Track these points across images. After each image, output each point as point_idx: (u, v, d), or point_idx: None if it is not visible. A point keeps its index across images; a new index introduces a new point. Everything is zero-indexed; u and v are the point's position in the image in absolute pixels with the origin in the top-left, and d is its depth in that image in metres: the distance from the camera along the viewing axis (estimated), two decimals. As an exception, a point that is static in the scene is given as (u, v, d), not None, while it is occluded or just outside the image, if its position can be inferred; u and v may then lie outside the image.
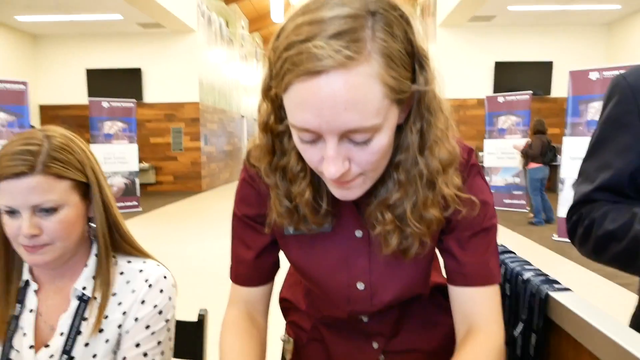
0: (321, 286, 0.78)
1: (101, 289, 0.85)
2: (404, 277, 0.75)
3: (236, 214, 0.80)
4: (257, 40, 17.30)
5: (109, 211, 0.88)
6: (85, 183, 0.84)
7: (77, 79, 10.86)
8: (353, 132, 0.55)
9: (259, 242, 0.79)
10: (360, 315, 0.80)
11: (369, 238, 0.73)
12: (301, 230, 0.73)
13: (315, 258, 0.76)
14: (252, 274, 0.80)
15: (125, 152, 8.31)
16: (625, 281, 3.85)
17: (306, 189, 0.67)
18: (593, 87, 5.19)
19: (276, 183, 0.69)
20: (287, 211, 0.70)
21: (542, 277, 0.75)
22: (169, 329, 0.90)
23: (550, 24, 10.40)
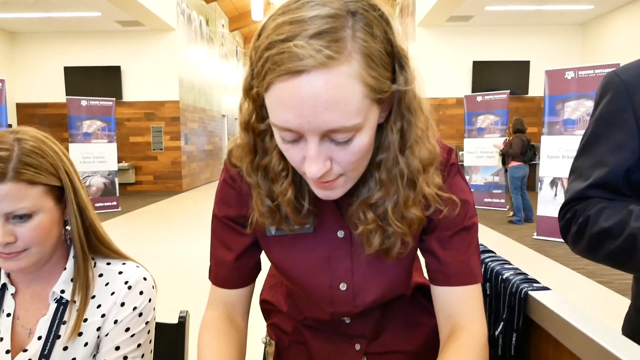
0: (303, 287, 0.78)
1: (80, 292, 0.84)
2: (386, 278, 0.75)
3: (217, 215, 0.79)
4: (238, 39, 17.19)
5: (85, 214, 0.86)
6: (59, 187, 0.82)
7: (54, 77, 10.64)
8: (334, 131, 0.55)
9: (239, 243, 0.78)
10: (342, 317, 0.80)
11: (351, 238, 0.73)
12: (283, 230, 0.72)
13: (297, 259, 0.75)
14: (232, 276, 0.79)
15: (105, 151, 8.18)
16: (605, 279, 3.94)
17: (288, 188, 0.67)
18: (569, 86, 5.29)
19: (258, 182, 0.69)
20: (269, 210, 0.69)
21: (521, 276, 0.76)
22: (149, 331, 0.89)
23: (526, 24, 10.58)
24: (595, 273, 4.10)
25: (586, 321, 0.58)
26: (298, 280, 0.77)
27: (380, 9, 0.57)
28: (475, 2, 9.03)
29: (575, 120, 5.27)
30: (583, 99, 5.20)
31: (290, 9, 0.54)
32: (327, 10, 0.53)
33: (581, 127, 5.23)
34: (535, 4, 9.24)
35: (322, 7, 0.53)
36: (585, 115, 5.20)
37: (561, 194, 5.35)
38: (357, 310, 0.77)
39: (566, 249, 4.98)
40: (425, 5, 9.64)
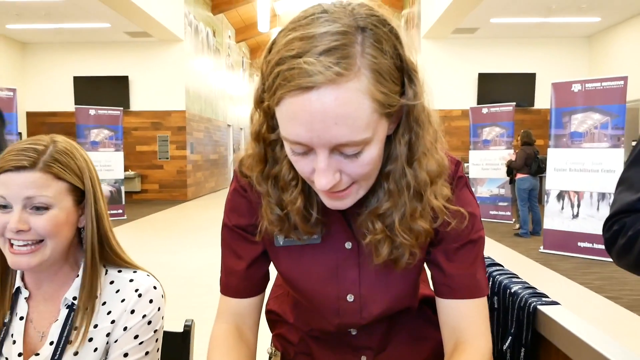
0: (310, 298, 0.77)
1: (87, 298, 0.85)
2: (393, 289, 0.74)
3: (227, 224, 0.79)
4: (244, 50, 17.33)
5: (101, 222, 0.89)
6: (81, 190, 0.86)
7: (64, 87, 10.76)
8: (343, 145, 0.56)
9: (250, 252, 0.78)
10: (349, 329, 0.79)
11: (359, 250, 0.73)
12: (291, 238, 0.72)
13: (305, 269, 0.75)
14: (242, 285, 0.79)
15: (111, 159, 8.23)
16: (613, 295, 3.89)
17: (297, 197, 0.67)
18: (576, 99, 5.28)
19: (268, 191, 0.70)
20: (278, 219, 0.70)
21: (530, 290, 0.75)
22: (157, 339, 0.90)
23: (532, 36, 10.60)
24: (603, 288, 4.05)
25: (597, 337, 0.57)
26: (305, 291, 0.77)
27: (390, 24, 0.57)
28: (481, 15, 9.06)
29: (582, 133, 5.24)
30: (590, 112, 5.18)
31: (301, 25, 0.55)
32: (337, 27, 0.54)
33: (588, 140, 5.21)
34: (541, 17, 9.25)
35: (332, 24, 0.54)
36: (592, 128, 5.18)
37: (568, 208, 5.32)
38: (364, 322, 0.77)
39: (574, 263, 4.93)
40: (430, 17, 9.69)
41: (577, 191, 5.25)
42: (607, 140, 5.09)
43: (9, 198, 0.79)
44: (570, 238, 5.26)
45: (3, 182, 0.80)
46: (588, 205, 5.17)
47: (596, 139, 5.15)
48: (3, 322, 0.85)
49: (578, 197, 5.25)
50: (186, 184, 11.06)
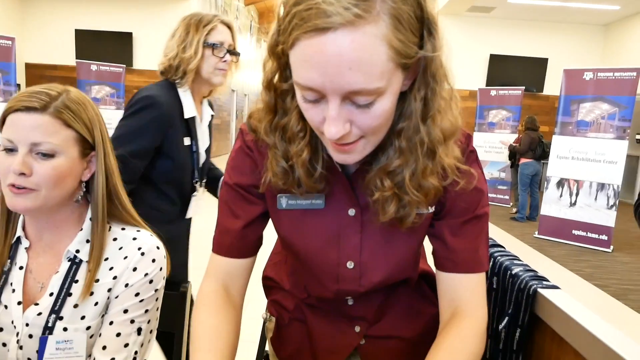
0: (310, 263, 0.77)
1: (94, 254, 0.85)
2: (393, 258, 0.74)
3: (228, 182, 0.78)
4: (253, 14, 16.99)
5: (110, 177, 0.88)
6: (89, 143, 0.85)
7: (65, 39, 10.57)
8: (356, 93, 0.54)
9: (248, 212, 0.77)
10: (346, 297, 0.79)
11: (362, 217, 0.73)
12: (294, 195, 0.72)
13: (307, 234, 0.75)
14: (236, 245, 0.78)
15: (112, 118, 8.13)
16: (602, 283, 3.95)
17: (304, 149, 0.67)
18: (586, 88, 5.21)
19: (275, 142, 0.69)
20: (282, 171, 0.69)
21: (531, 273, 0.75)
22: (157, 298, 0.90)
23: (548, 20, 10.39)
24: (592, 276, 4.10)
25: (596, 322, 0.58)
26: (305, 256, 0.77)
27: None
28: (497, -6, 8.85)
29: (589, 122, 5.20)
30: (599, 102, 5.13)
31: None
32: None
33: (594, 129, 5.17)
34: (560, 1, 9.05)
35: None
36: (599, 118, 5.14)
37: (567, 195, 5.33)
38: (362, 289, 0.77)
39: (566, 250, 4.98)
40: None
41: (577, 180, 5.25)
42: (612, 132, 5.06)
43: (16, 141, 0.78)
44: (566, 225, 5.29)
45: (12, 122, 0.79)
46: (587, 194, 5.18)
47: (602, 129, 5.12)
48: (2, 270, 0.85)
49: (577, 186, 5.25)
50: (187, 147, 11.03)
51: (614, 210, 5.04)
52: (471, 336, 0.68)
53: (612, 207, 5.04)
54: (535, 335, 0.72)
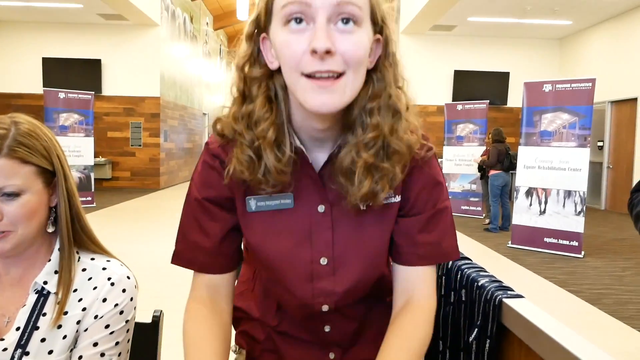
0: (283, 267, 0.76)
1: (62, 284, 0.83)
2: (365, 251, 0.76)
3: (196, 198, 0.78)
4: (222, 38, 17.08)
5: (72, 201, 0.87)
6: (49, 171, 0.83)
7: (32, 68, 10.38)
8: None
9: (217, 229, 0.77)
10: (322, 304, 0.78)
11: (332, 213, 0.75)
12: (261, 194, 0.73)
13: (279, 235, 0.75)
14: (211, 262, 0.78)
15: (81, 145, 8.02)
16: (575, 289, 4.03)
17: (269, 127, 0.69)
18: (546, 99, 5.41)
19: (242, 131, 0.71)
20: (248, 160, 0.70)
21: (496, 284, 0.77)
22: (129, 329, 0.88)
23: (507, 36, 10.78)
24: (566, 282, 4.19)
25: (558, 329, 0.60)
26: (278, 260, 0.76)
27: None
28: (459, 12, 9.16)
29: (552, 132, 5.38)
30: (559, 112, 5.32)
31: None
32: None
33: (557, 139, 5.35)
34: (516, 17, 9.42)
35: None
36: (561, 128, 5.32)
37: (536, 204, 5.46)
38: (338, 289, 0.76)
39: (539, 258, 5.08)
40: (409, 13, 9.74)
41: (545, 188, 5.40)
42: (574, 140, 5.25)
43: None
44: (537, 234, 5.42)
45: None
46: (555, 202, 5.33)
47: (564, 139, 5.30)
48: None
49: (545, 194, 5.40)
50: (159, 172, 10.88)
51: (582, 216, 5.19)
52: (422, 323, 0.73)
53: (580, 213, 5.19)
54: (503, 345, 0.74)
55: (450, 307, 0.88)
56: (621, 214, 8.79)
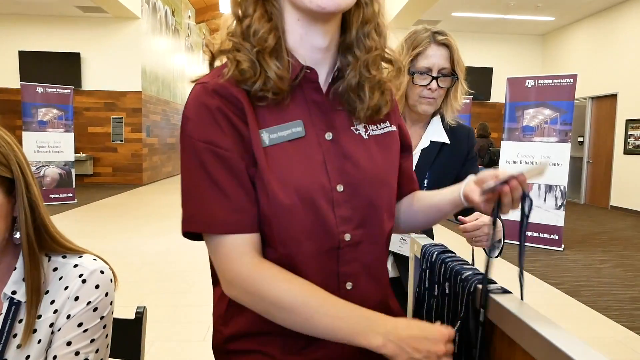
0: (306, 197, 0.72)
1: (31, 291, 0.80)
2: (375, 179, 0.79)
3: (213, 150, 0.69)
4: (205, 32, 16.91)
5: (36, 210, 0.81)
6: (9, 179, 0.78)
7: (8, 61, 10.14)
8: None
9: (248, 179, 0.71)
10: (345, 234, 0.75)
11: (339, 140, 0.77)
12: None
13: (298, 165, 0.73)
14: (255, 214, 0.71)
15: (61, 141, 7.88)
16: (555, 281, 4.11)
17: (269, 35, 0.71)
18: (529, 94, 5.48)
19: (240, 42, 0.72)
20: (250, 63, 0.70)
21: (480, 277, 0.78)
22: (105, 325, 0.86)
23: (491, 32, 10.89)
24: (546, 275, 4.27)
25: (539, 320, 0.60)
26: (301, 189, 0.72)
27: None
28: (443, 8, 9.21)
29: (534, 127, 5.46)
30: (541, 107, 5.40)
31: None
32: None
33: (539, 134, 5.43)
34: (499, 13, 9.52)
35: None
36: (543, 123, 5.40)
37: (518, 198, 5.54)
38: (356, 216, 0.76)
39: (521, 251, 5.16)
40: (393, 8, 9.76)
41: (526, 183, 5.48)
42: (555, 135, 5.33)
43: None
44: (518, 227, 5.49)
45: None
46: (536, 196, 5.41)
47: (546, 134, 5.38)
48: None
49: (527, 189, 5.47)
50: (141, 168, 10.76)
51: (562, 210, 5.28)
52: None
53: (561, 207, 5.29)
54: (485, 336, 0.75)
55: (434, 300, 0.89)
56: (600, 208, 8.98)
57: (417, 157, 1.42)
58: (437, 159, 1.42)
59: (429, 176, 1.41)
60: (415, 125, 1.46)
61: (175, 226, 0.78)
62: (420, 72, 1.37)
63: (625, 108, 8.56)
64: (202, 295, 3.45)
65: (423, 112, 1.40)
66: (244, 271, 0.70)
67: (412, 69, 1.38)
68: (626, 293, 3.81)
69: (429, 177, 1.40)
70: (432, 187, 1.28)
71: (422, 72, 1.37)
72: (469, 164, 1.46)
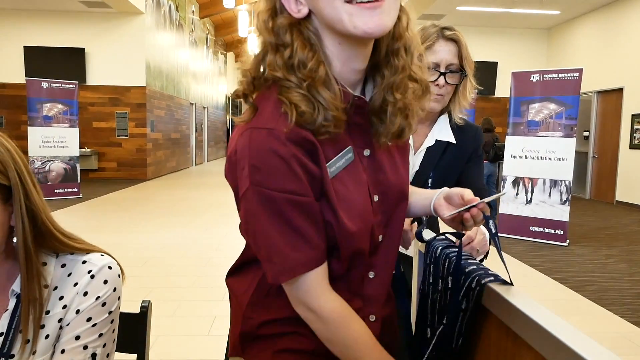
0: (366, 221, 0.77)
1: (33, 291, 0.79)
2: (399, 187, 0.84)
3: (291, 199, 0.70)
4: (208, 26, 16.89)
5: (38, 218, 0.80)
6: (7, 186, 0.77)
7: (13, 57, 10.19)
8: None
9: (318, 216, 0.74)
10: (379, 235, 0.82)
11: (375, 155, 0.80)
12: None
13: (355, 190, 0.77)
14: (325, 248, 0.75)
15: (66, 136, 7.92)
16: (560, 276, 4.10)
17: (318, 66, 0.69)
18: (534, 89, 5.46)
19: (285, 76, 0.70)
20: (304, 98, 0.69)
21: (482, 271, 0.78)
22: (113, 320, 0.87)
23: (496, 26, 10.82)
24: (551, 270, 4.26)
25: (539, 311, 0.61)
26: (362, 217, 0.77)
27: None
28: (447, 1, 9.16)
29: (539, 122, 5.44)
30: (547, 102, 5.38)
31: None
32: None
33: (543, 128, 5.41)
34: (504, 7, 9.45)
35: None
36: (548, 118, 5.38)
37: (522, 193, 5.53)
38: (386, 220, 0.83)
39: (525, 246, 5.16)
40: (398, 2, 9.73)
41: (531, 178, 5.47)
42: (561, 130, 5.31)
43: None
44: (523, 222, 5.49)
45: None
46: (541, 191, 5.40)
47: (551, 128, 5.36)
48: None
49: (532, 184, 5.46)
50: (146, 163, 10.80)
51: (567, 205, 5.27)
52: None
53: (566, 202, 5.27)
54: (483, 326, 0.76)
55: (438, 295, 0.89)
56: (605, 203, 8.95)
57: (422, 156, 1.41)
58: (442, 158, 1.41)
59: (432, 175, 1.39)
60: (421, 124, 1.44)
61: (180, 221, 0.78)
62: (427, 68, 1.34)
63: (631, 102, 8.50)
64: (206, 290, 3.47)
65: (430, 109, 1.38)
66: (327, 308, 0.75)
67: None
68: (631, 288, 3.80)
69: (432, 176, 1.39)
70: (435, 187, 1.31)
71: (430, 68, 1.34)
72: (473, 162, 1.44)
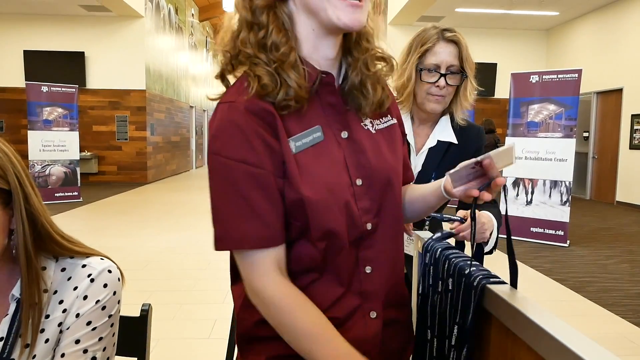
0: (333, 197, 0.75)
1: (32, 296, 0.79)
2: (385, 171, 0.83)
3: (245, 169, 0.71)
4: (208, 30, 16.92)
5: (38, 222, 0.80)
6: (7, 190, 0.76)
7: (13, 61, 10.20)
8: None
9: (278, 194, 0.73)
10: (367, 223, 0.79)
11: (354, 137, 0.81)
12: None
13: (324, 166, 0.76)
14: (281, 227, 0.73)
15: (66, 139, 7.92)
16: (560, 277, 4.10)
17: (290, 52, 0.73)
18: (533, 90, 5.46)
19: (255, 53, 0.74)
20: (270, 77, 0.72)
21: (482, 272, 0.78)
22: (113, 324, 0.87)
23: (495, 27, 10.84)
24: (551, 271, 4.26)
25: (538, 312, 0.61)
26: (329, 187, 0.75)
27: None
28: (446, 3, 9.17)
29: (538, 122, 5.44)
30: (546, 103, 5.38)
31: None
32: None
33: (543, 129, 5.41)
34: (503, 8, 9.46)
35: None
36: (547, 119, 5.38)
37: (522, 194, 5.53)
38: (374, 206, 0.80)
39: (526, 247, 5.15)
40: (397, 4, 9.73)
41: (531, 179, 5.46)
42: (560, 131, 5.31)
43: None
44: (524, 223, 5.49)
45: None
46: (541, 192, 5.39)
47: (551, 129, 5.36)
48: None
49: (532, 185, 5.46)
50: (146, 166, 10.80)
51: (567, 206, 5.26)
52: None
53: (566, 203, 5.27)
54: (485, 330, 0.76)
55: (438, 296, 0.89)
56: (606, 203, 8.94)
57: (424, 156, 1.41)
58: (444, 159, 1.41)
59: (435, 176, 1.39)
60: (423, 125, 1.45)
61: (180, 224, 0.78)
62: (428, 69, 1.35)
63: (631, 103, 8.50)
64: (207, 293, 3.46)
65: (431, 110, 1.38)
66: (268, 289, 0.73)
67: (420, 65, 1.36)
68: (632, 289, 3.79)
69: (435, 177, 1.39)
70: None
71: (430, 69, 1.35)
72: None
